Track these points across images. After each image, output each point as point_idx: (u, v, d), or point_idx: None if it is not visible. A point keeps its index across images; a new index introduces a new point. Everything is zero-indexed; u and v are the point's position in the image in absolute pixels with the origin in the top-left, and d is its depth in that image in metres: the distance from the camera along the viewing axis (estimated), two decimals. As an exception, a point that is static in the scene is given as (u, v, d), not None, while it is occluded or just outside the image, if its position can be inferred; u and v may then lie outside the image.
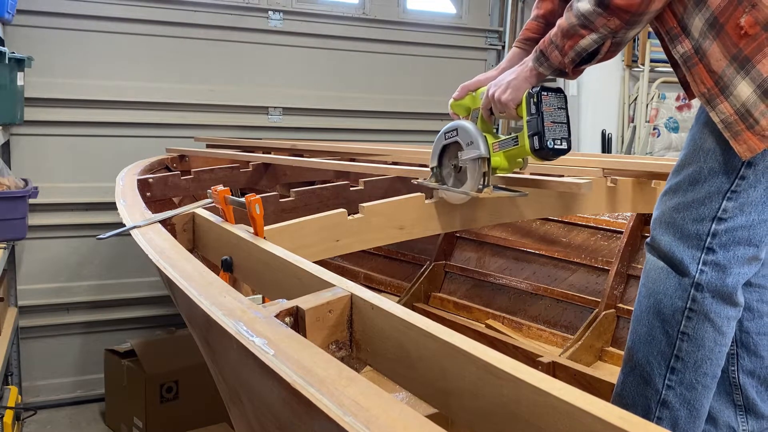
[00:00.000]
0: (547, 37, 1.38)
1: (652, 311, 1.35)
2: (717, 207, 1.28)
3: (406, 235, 1.68)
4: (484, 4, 4.27)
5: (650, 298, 1.36)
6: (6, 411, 2.56)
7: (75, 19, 3.22)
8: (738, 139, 1.22)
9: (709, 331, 1.30)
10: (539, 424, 0.67)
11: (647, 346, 1.35)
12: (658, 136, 4.24)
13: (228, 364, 0.94)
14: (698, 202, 1.30)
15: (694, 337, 1.31)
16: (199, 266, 1.12)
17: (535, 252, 2.89)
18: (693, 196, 1.31)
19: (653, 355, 1.34)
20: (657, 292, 1.34)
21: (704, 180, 1.29)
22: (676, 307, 1.31)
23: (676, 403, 1.32)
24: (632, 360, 1.38)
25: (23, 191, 2.37)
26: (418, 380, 0.83)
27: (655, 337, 1.34)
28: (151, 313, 3.49)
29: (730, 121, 1.22)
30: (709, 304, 1.30)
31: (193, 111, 3.52)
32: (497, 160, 1.54)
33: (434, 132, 3.75)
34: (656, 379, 1.34)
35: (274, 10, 3.64)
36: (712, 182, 1.29)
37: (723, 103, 1.22)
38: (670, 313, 1.32)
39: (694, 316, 1.30)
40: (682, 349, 1.31)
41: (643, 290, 1.38)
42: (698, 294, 1.30)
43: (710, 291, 1.29)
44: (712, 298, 1.30)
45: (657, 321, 1.34)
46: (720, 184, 1.28)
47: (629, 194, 2.09)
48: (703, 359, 1.31)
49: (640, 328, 1.37)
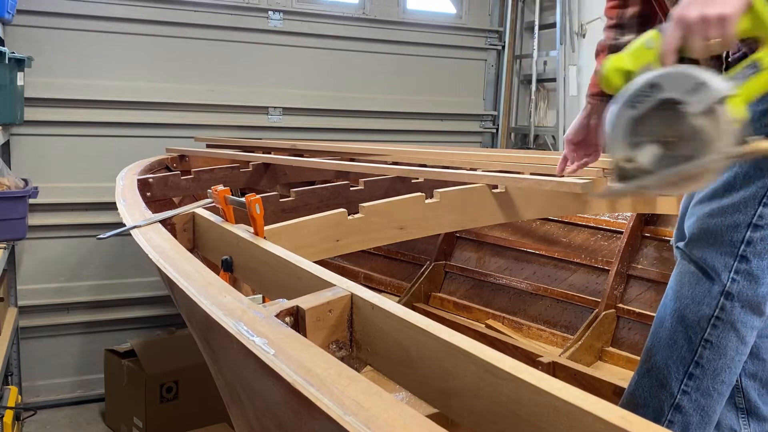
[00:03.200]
0: None
1: (677, 315, 1.32)
2: (753, 213, 1.25)
3: (406, 235, 1.68)
4: (484, 4, 4.27)
5: (677, 302, 1.33)
6: (6, 411, 2.56)
7: (75, 19, 3.21)
8: None
9: (733, 340, 1.29)
10: (540, 424, 0.67)
11: (667, 350, 1.33)
12: (658, 136, 4.23)
13: (228, 364, 0.94)
14: (733, 207, 1.26)
15: (717, 346, 1.29)
16: (199, 266, 1.12)
17: (535, 252, 2.89)
18: (728, 202, 1.27)
19: (672, 359, 1.32)
20: (684, 297, 1.32)
21: (739, 186, 1.26)
22: (702, 314, 1.29)
23: (690, 408, 1.31)
24: (650, 361, 1.36)
25: (23, 191, 2.37)
26: (418, 380, 0.83)
27: (677, 342, 1.32)
28: (151, 313, 3.49)
29: None
30: (738, 313, 1.27)
31: (193, 111, 3.52)
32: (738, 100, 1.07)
33: (434, 132, 3.73)
34: (672, 383, 1.32)
35: (274, 10, 3.64)
36: (747, 188, 1.25)
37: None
38: (696, 319, 1.29)
39: (720, 325, 1.28)
40: (703, 357, 1.29)
41: (671, 293, 1.36)
42: (728, 303, 1.27)
43: (740, 300, 1.27)
44: (742, 308, 1.27)
45: (681, 326, 1.31)
46: (756, 189, 1.25)
47: (629, 194, 2.09)
48: (723, 368, 1.30)
49: (662, 331, 1.35)
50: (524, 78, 4.38)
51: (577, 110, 4.15)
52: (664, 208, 2.31)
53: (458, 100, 4.22)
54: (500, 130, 4.33)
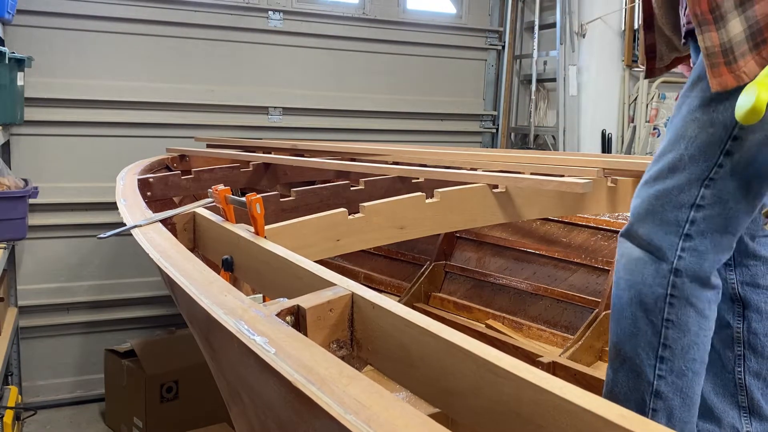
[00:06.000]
0: None
1: (634, 302, 1.34)
2: (696, 194, 1.28)
3: (406, 235, 1.68)
4: (484, 4, 4.27)
5: (630, 289, 1.34)
6: (6, 411, 2.56)
7: (75, 19, 3.22)
8: (714, 71, 1.21)
9: (692, 315, 1.30)
10: (540, 423, 0.67)
11: (633, 339, 1.34)
12: (658, 136, 4.24)
13: (229, 363, 0.94)
14: (678, 189, 1.30)
15: (679, 323, 1.30)
16: (199, 266, 1.12)
17: (535, 252, 2.89)
18: (673, 183, 1.30)
19: (641, 347, 1.33)
20: (636, 283, 1.33)
21: (684, 167, 1.29)
22: (657, 294, 1.31)
23: (669, 392, 1.32)
24: (620, 355, 1.37)
25: (23, 191, 2.37)
26: (419, 379, 0.83)
27: (641, 328, 1.33)
28: (151, 313, 3.49)
29: (713, 51, 1.21)
30: (689, 288, 1.29)
31: (193, 111, 3.52)
32: None
33: (434, 132, 3.75)
34: (647, 371, 1.33)
35: (274, 10, 3.64)
36: (691, 169, 1.28)
37: (713, 32, 1.21)
38: (652, 301, 1.31)
39: (676, 302, 1.30)
40: (668, 337, 1.31)
41: (621, 283, 1.37)
42: (677, 279, 1.29)
43: (688, 276, 1.29)
44: (691, 283, 1.29)
45: (640, 311, 1.33)
46: (699, 171, 1.28)
47: (629, 194, 2.09)
48: (690, 345, 1.31)
49: (623, 321, 1.36)
50: (524, 78, 4.38)
51: (577, 110, 4.18)
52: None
53: (458, 100, 4.23)
54: (500, 130, 4.34)
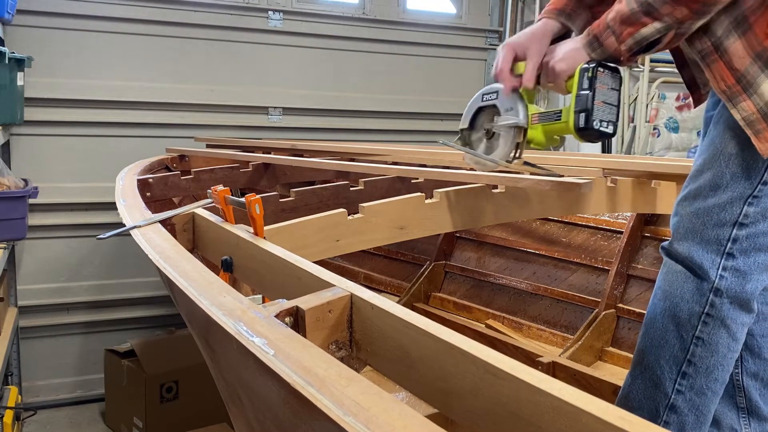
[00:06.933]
0: (602, 20, 1.28)
1: (668, 314, 1.32)
2: (738, 212, 1.26)
3: (406, 235, 1.68)
4: (484, 4, 4.27)
5: (666, 301, 1.33)
6: (6, 411, 2.56)
7: (75, 19, 3.22)
8: (760, 137, 1.20)
9: (724, 337, 1.29)
10: (539, 424, 0.67)
11: (659, 350, 1.33)
12: (658, 136, 4.24)
13: (228, 364, 0.94)
14: (719, 207, 1.28)
15: (709, 343, 1.29)
16: (199, 266, 1.11)
17: (535, 252, 2.89)
18: (714, 201, 1.28)
19: (665, 359, 1.32)
20: (674, 296, 1.32)
21: (726, 185, 1.27)
22: (692, 311, 1.29)
23: (685, 408, 1.31)
24: (642, 362, 1.36)
25: (23, 191, 2.37)
26: (418, 380, 0.83)
27: (669, 341, 1.32)
28: (151, 313, 3.49)
29: (752, 119, 1.21)
30: (727, 310, 1.28)
31: (193, 111, 3.52)
32: (534, 133, 1.44)
33: (435, 132, 3.76)
34: (666, 383, 1.32)
35: (274, 10, 3.64)
36: (734, 187, 1.26)
37: (746, 101, 1.21)
38: (686, 317, 1.30)
39: (711, 322, 1.28)
40: (695, 354, 1.30)
41: (659, 293, 1.36)
42: (717, 299, 1.28)
43: (729, 297, 1.28)
44: (730, 304, 1.28)
45: (672, 324, 1.32)
46: (742, 189, 1.26)
47: (629, 194, 2.09)
48: (716, 365, 1.30)
49: (653, 331, 1.35)
50: (524, 78, 4.37)
51: (577, 110, 4.17)
52: (664, 208, 2.31)
53: (458, 100, 4.20)
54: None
